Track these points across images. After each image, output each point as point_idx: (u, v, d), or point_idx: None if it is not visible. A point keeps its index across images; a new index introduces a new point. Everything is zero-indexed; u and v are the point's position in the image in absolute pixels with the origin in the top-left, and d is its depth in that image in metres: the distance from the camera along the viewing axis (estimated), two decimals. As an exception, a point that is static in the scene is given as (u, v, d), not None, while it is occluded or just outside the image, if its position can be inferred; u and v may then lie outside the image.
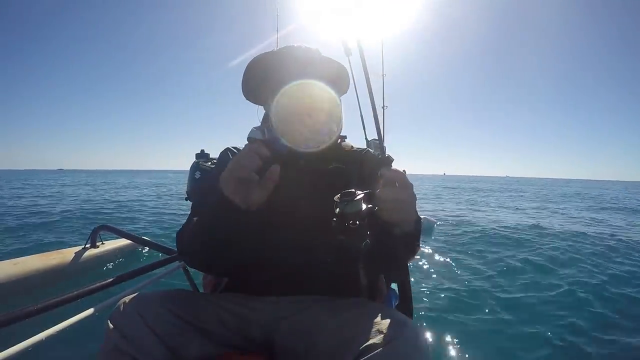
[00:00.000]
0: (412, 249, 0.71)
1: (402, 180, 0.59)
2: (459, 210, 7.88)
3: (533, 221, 6.23)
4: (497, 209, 8.46)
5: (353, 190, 0.59)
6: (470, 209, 8.18)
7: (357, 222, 0.57)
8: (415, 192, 0.62)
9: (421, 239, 0.72)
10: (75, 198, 9.26)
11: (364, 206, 0.58)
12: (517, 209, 8.79)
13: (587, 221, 6.74)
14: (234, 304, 0.73)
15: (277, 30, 2.31)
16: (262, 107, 0.90)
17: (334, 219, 0.59)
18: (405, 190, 0.59)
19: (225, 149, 0.90)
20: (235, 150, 0.89)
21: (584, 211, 8.74)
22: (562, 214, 7.98)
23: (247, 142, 0.90)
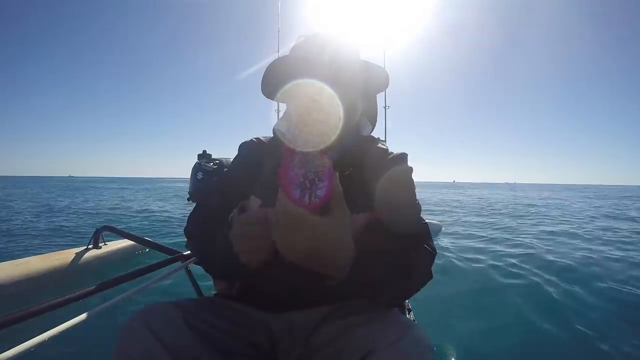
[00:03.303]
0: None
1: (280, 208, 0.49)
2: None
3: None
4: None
5: None
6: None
7: None
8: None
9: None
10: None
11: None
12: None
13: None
14: (246, 316, 0.72)
15: (279, 30, 2.32)
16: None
17: None
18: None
19: (250, 140, 0.85)
20: (255, 140, 0.84)
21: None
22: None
23: (272, 134, 0.87)
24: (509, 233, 5.12)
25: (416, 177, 0.80)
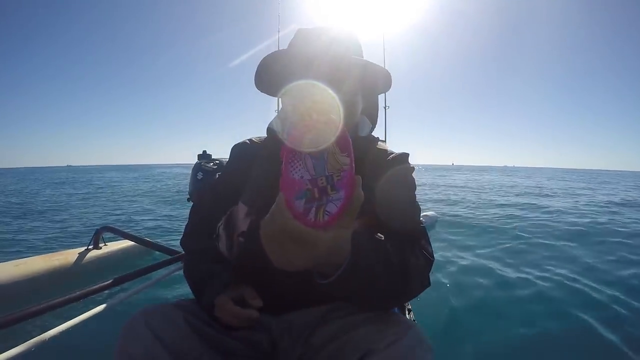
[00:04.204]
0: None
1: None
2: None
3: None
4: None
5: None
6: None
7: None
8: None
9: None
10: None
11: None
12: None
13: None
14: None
15: (279, 31, 2.32)
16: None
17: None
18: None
19: (242, 142, 0.85)
20: (248, 142, 0.85)
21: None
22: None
23: (265, 133, 0.85)
24: (512, 226, 5.02)
25: (415, 160, 0.79)
